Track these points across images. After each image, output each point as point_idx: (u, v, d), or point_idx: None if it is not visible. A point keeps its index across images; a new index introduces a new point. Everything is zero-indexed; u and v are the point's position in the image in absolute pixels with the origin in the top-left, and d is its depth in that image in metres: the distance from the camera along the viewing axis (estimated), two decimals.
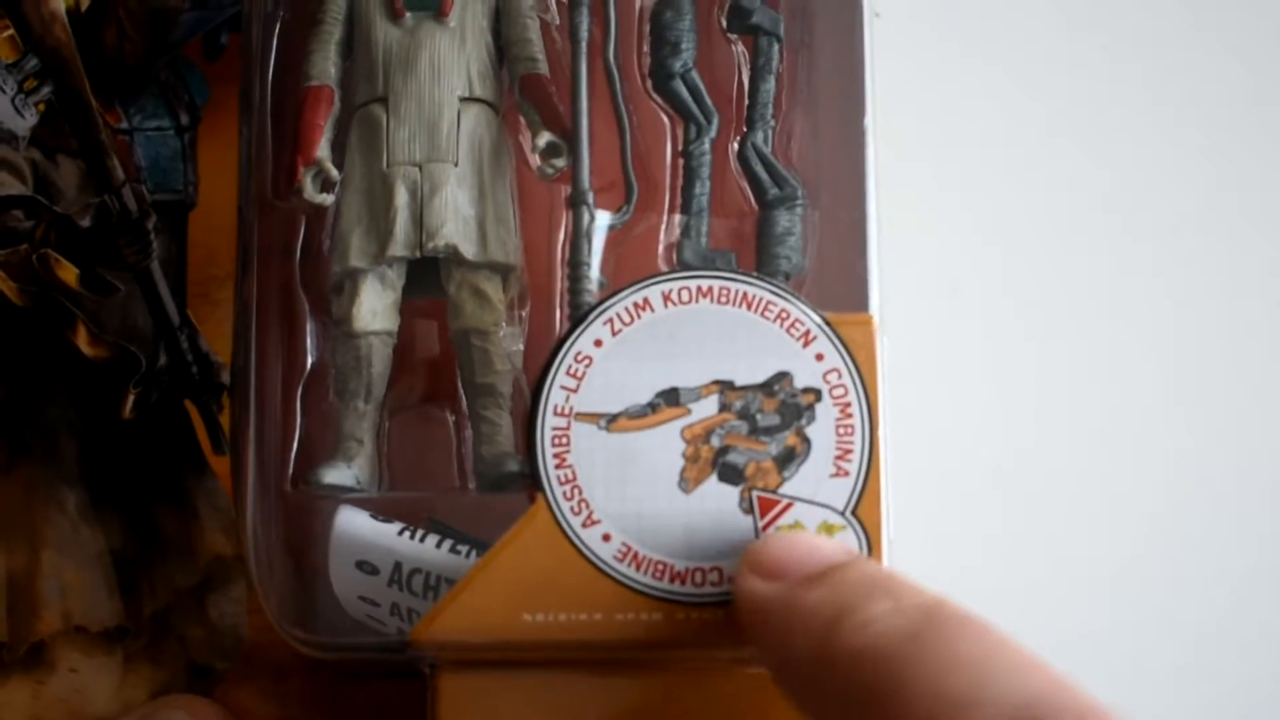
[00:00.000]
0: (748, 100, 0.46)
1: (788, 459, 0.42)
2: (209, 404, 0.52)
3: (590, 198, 0.45)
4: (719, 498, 0.42)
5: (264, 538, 0.45)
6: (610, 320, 0.43)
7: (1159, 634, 0.57)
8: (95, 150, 0.51)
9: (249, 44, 0.48)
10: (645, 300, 0.43)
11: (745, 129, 0.46)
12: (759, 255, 0.45)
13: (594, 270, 0.45)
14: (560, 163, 0.46)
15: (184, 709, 0.49)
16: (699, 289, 0.43)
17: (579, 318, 0.43)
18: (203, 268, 0.53)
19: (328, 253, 0.46)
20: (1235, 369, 0.59)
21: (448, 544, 0.44)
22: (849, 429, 0.42)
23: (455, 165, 0.45)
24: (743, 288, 0.43)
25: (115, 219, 0.50)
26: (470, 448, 0.46)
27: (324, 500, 0.45)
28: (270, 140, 0.47)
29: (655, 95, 0.46)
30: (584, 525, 0.42)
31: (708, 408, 0.43)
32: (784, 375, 0.43)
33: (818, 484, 0.42)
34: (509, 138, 0.47)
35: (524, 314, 0.46)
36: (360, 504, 0.45)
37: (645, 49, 0.46)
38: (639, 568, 0.42)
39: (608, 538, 0.42)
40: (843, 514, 0.42)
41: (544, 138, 0.46)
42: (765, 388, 0.43)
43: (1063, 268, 0.59)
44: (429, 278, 0.46)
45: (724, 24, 0.47)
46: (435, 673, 0.43)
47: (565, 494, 0.42)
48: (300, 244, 0.47)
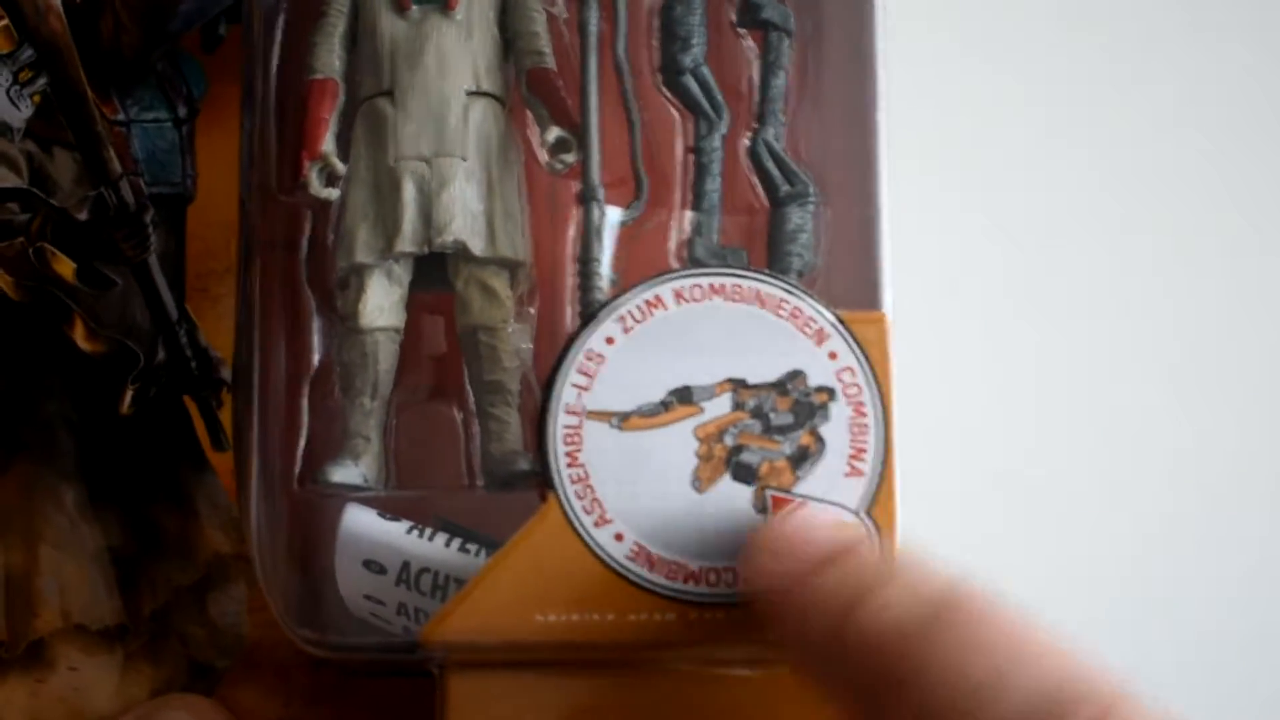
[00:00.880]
0: (759, 96, 0.46)
1: (802, 458, 0.42)
2: (208, 400, 0.51)
3: (600, 193, 0.45)
4: (732, 497, 0.42)
5: (269, 536, 0.45)
6: (622, 318, 0.43)
7: (1160, 634, 0.58)
8: (92, 142, 0.50)
9: (250, 36, 0.47)
10: (657, 297, 0.43)
11: (756, 125, 0.45)
12: (770, 252, 0.45)
13: (605, 267, 0.45)
14: (569, 158, 0.45)
15: (185, 708, 0.49)
16: (711, 286, 0.43)
17: (590, 315, 0.43)
18: (201, 261, 0.53)
19: (333, 248, 0.46)
20: (1236, 367, 0.59)
21: (457, 543, 0.44)
22: (863, 428, 0.42)
23: (463, 160, 0.45)
24: (755, 285, 0.43)
25: (112, 212, 0.50)
26: (478, 445, 0.45)
27: (330, 498, 0.44)
28: (273, 134, 0.46)
29: (665, 90, 0.46)
30: (596, 525, 0.42)
31: (721, 406, 0.42)
32: (797, 374, 0.42)
33: (832, 483, 0.42)
34: (516, 132, 0.46)
35: (533, 310, 0.46)
36: (367, 502, 0.44)
37: (655, 43, 0.46)
38: (652, 568, 0.42)
39: (620, 537, 0.42)
40: (857, 514, 0.42)
41: (553, 133, 0.45)
42: (779, 386, 0.42)
43: (1063, 265, 0.60)
44: (437, 272, 0.46)
45: (734, 19, 0.46)
46: (444, 673, 0.43)
47: (577, 493, 0.42)
48: (306, 239, 0.46)
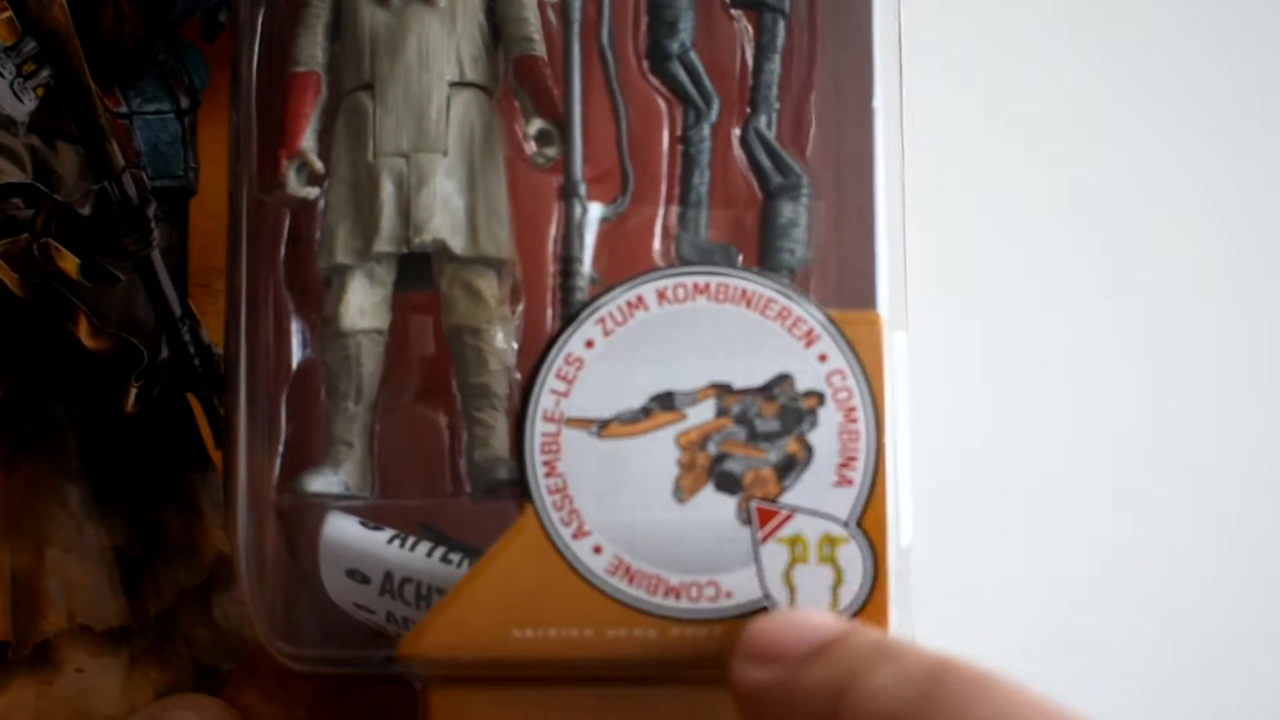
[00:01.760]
0: (751, 81, 0.43)
1: (788, 467, 0.40)
2: (211, 397, 0.50)
3: (582, 189, 0.43)
4: (716, 508, 0.40)
5: (253, 547, 0.44)
6: (602, 320, 0.41)
7: (1162, 635, 0.56)
8: (95, 135, 0.50)
9: (237, 25, 0.46)
10: (639, 298, 0.41)
11: (748, 112, 0.43)
12: (762, 247, 0.43)
13: (586, 266, 0.43)
14: (553, 151, 0.43)
15: (191, 709, 0.48)
16: (695, 286, 0.41)
17: (570, 317, 0.41)
18: (204, 257, 0.52)
19: (315, 247, 0.44)
20: (1244, 371, 0.58)
21: (439, 553, 0.43)
22: (853, 435, 0.40)
23: (444, 155, 0.43)
24: (742, 284, 0.40)
25: (115, 206, 0.49)
26: (463, 449, 0.44)
27: (311, 507, 0.43)
28: (257, 127, 0.45)
29: (652, 78, 0.44)
30: (574, 537, 0.40)
31: (704, 412, 0.40)
32: (785, 378, 0.40)
33: (820, 493, 0.40)
34: (502, 124, 0.44)
35: (519, 310, 0.44)
36: (350, 510, 0.43)
37: (641, 28, 0.44)
38: (631, 581, 0.40)
39: (599, 550, 0.40)
40: (846, 525, 0.40)
41: (536, 125, 0.44)
42: (765, 391, 0.40)
43: (1065, 267, 0.58)
44: (424, 270, 0.44)
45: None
46: (426, 687, 0.42)
47: (555, 504, 0.40)
48: (285, 237, 0.45)
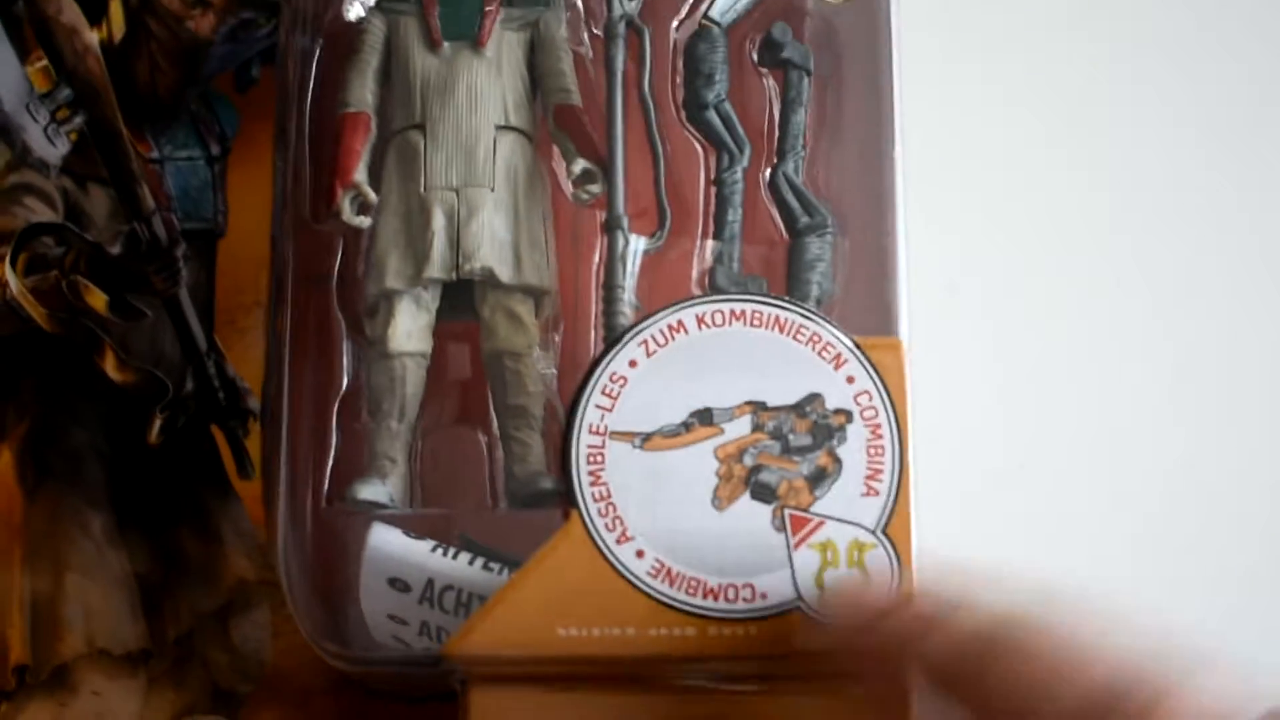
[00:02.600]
0: (779, 131, 0.47)
1: (819, 478, 0.43)
2: (235, 429, 0.52)
3: (625, 222, 0.46)
4: (751, 516, 0.43)
5: (296, 555, 0.45)
6: (645, 342, 0.44)
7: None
8: (126, 179, 0.51)
9: (284, 76, 0.49)
10: (679, 323, 0.44)
11: (776, 159, 0.47)
12: (789, 281, 0.46)
13: (628, 294, 0.46)
14: (595, 189, 0.47)
15: None
16: (732, 312, 0.44)
17: (614, 339, 0.44)
18: (230, 295, 0.54)
19: (363, 275, 0.47)
20: (1238, 369, 0.60)
21: (480, 561, 0.45)
22: (879, 449, 0.43)
23: (491, 190, 0.46)
24: (775, 311, 0.44)
25: (145, 247, 0.51)
26: (502, 467, 0.46)
27: (356, 518, 0.45)
28: (308, 168, 0.48)
29: (689, 125, 0.47)
30: (618, 542, 0.43)
31: (741, 428, 0.43)
32: (815, 397, 0.44)
33: (849, 503, 0.43)
34: (543, 166, 0.48)
35: (557, 337, 0.47)
36: (393, 521, 0.45)
37: (678, 81, 0.48)
38: (672, 584, 0.43)
39: (641, 554, 0.43)
40: (873, 532, 0.43)
41: (579, 165, 0.47)
42: (797, 409, 0.43)
43: (1064, 270, 0.60)
44: (462, 301, 0.47)
45: (755, 58, 0.48)
46: (466, 688, 0.44)
47: (600, 511, 0.43)
48: (337, 267, 0.47)
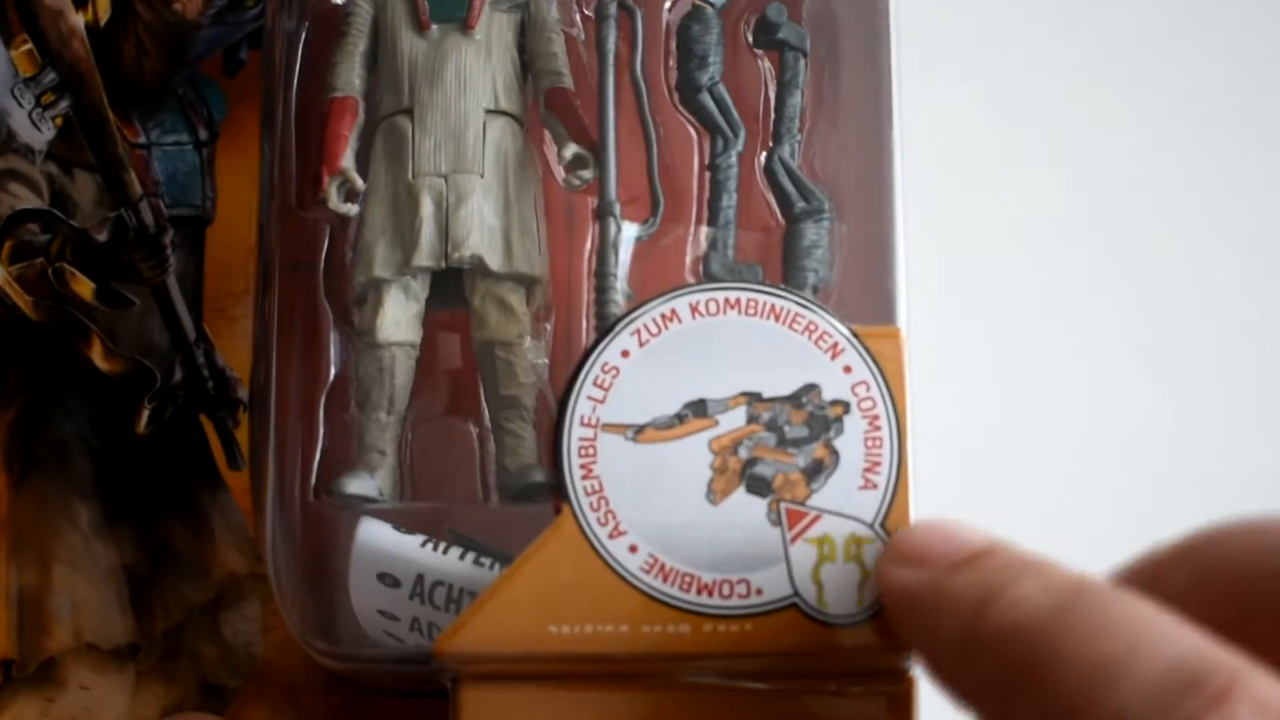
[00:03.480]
0: (774, 114, 0.46)
1: (816, 471, 0.42)
2: (224, 419, 0.51)
3: (617, 209, 0.45)
4: (747, 509, 0.42)
5: (285, 550, 0.45)
6: (637, 331, 0.43)
7: None
8: (112, 164, 0.51)
9: (270, 59, 0.48)
10: (673, 311, 0.43)
11: (772, 143, 0.46)
12: (785, 268, 0.45)
13: (621, 282, 0.45)
14: (587, 174, 0.46)
15: None
16: (726, 300, 0.43)
17: (606, 329, 0.43)
18: (219, 283, 0.53)
19: (351, 263, 0.46)
20: (1237, 358, 0.60)
21: (470, 556, 0.44)
22: (877, 441, 0.42)
23: (481, 176, 0.45)
24: (770, 300, 0.43)
25: (132, 234, 0.50)
26: (493, 460, 0.46)
27: (345, 512, 0.44)
28: (294, 153, 0.47)
29: (682, 108, 0.46)
30: (610, 536, 0.42)
31: (735, 419, 0.42)
32: (812, 387, 0.43)
33: (846, 496, 0.42)
34: (534, 150, 0.47)
35: (549, 326, 0.46)
36: (382, 515, 0.45)
37: (671, 63, 0.46)
38: (666, 579, 0.42)
39: (634, 549, 0.42)
40: (871, 526, 0.42)
41: (570, 149, 0.46)
42: (793, 400, 0.42)
43: (1064, 262, 0.60)
44: (452, 290, 0.46)
45: (750, 39, 0.47)
46: (457, 686, 0.43)
47: (592, 505, 0.42)
48: (324, 255, 0.46)
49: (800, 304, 0.43)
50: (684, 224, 0.46)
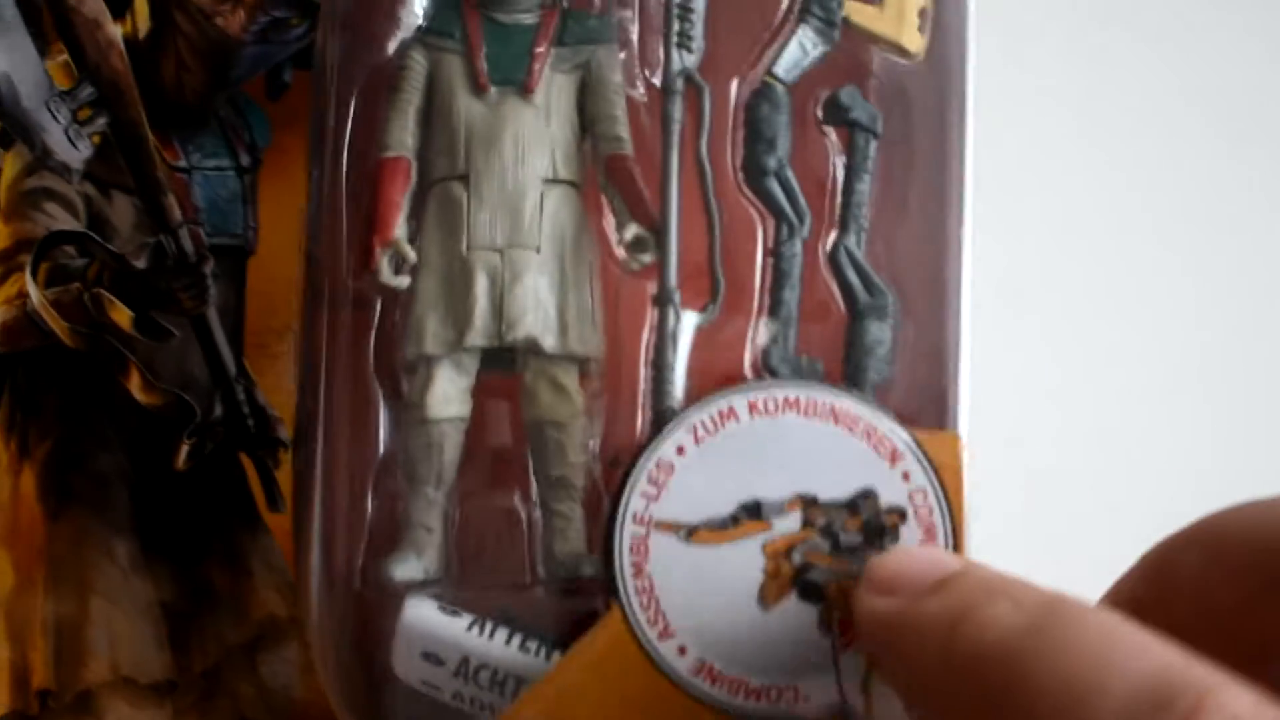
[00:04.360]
0: (841, 199, 0.45)
1: None
2: (265, 459, 0.51)
3: (677, 297, 0.44)
4: (798, 615, 0.42)
5: (329, 624, 0.44)
6: (694, 428, 0.42)
7: None
8: (151, 187, 0.49)
9: (320, 85, 0.46)
10: (730, 409, 0.42)
11: (838, 230, 0.45)
12: (846, 365, 0.44)
13: (678, 373, 0.44)
14: (647, 258, 0.45)
15: None
16: (785, 400, 0.42)
17: (662, 423, 0.42)
18: (261, 318, 0.52)
19: (401, 333, 0.45)
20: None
21: (517, 640, 0.44)
22: None
23: (537, 252, 0.44)
24: (830, 400, 0.42)
25: (171, 261, 0.49)
26: (540, 541, 0.45)
27: (391, 589, 0.44)
28: (344, 202, 0.45)
29: (747, 190, 0.45)
30: (660, 637, 0.42)
31: (790, 523, 0.42)
32: (869, 493, 0.42)
33: None
34: (592, 223, 0.45)
35: (600, 407, 0.45)
36: (428, 594, 0.44)
37: (738, 140, 0.45)
38: (714, 683, 0.42)
39: (684, 651, 0.42)
40: None
41: (631, 231, 0.45)
42: (850, 506, 0.42)
43: (1135, 360, 0.59)
44: (501, 354, 0.45)
45: (820, 116, 0.45)
46: None
47: (642, 604, 0.42)
48: (375, 325, 0.45)
49: (860, 407, 0.42)
50: (744, 313, 0.45)
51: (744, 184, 0.45)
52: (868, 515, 0.42)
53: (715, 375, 0.43)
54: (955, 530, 0.42)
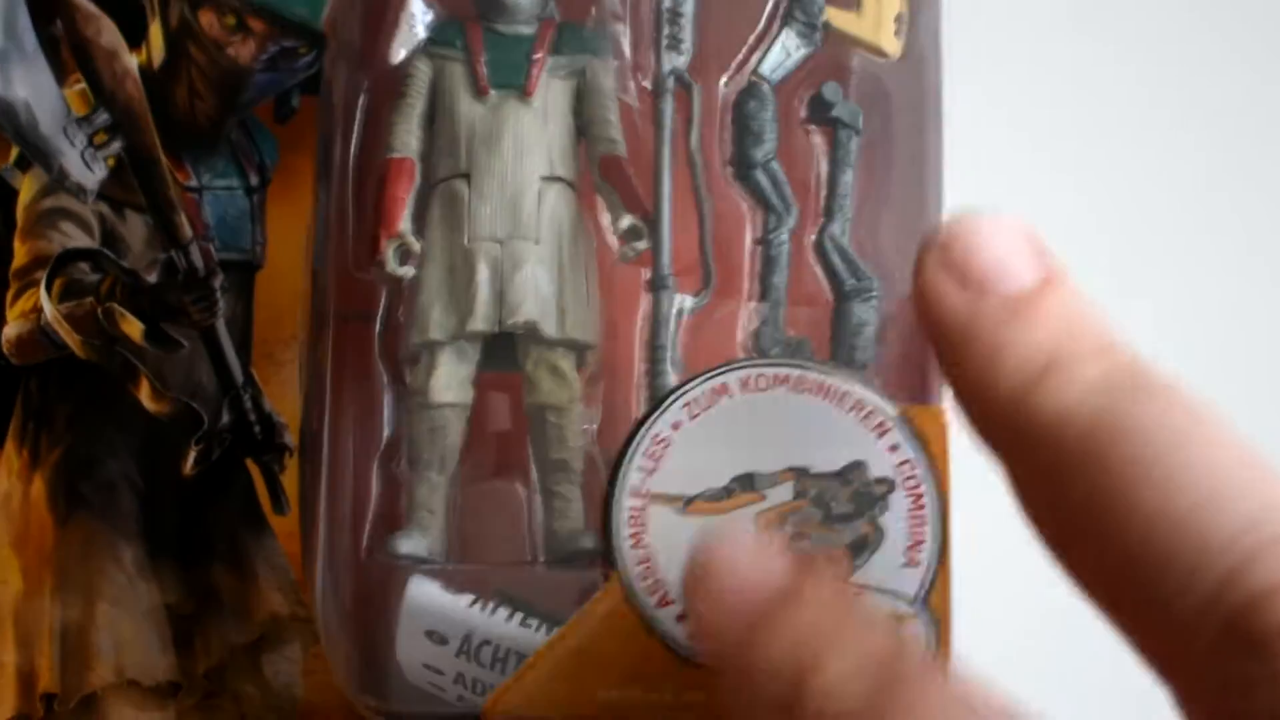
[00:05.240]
0: (826, 191, 0.47)
1: (860, 547, 0.43)
2: (271, 464, 0.52)
3: (671, 282, 0.46)
4: None
5: (334, 603, 0.46)
6: (688, 404, 0.44)
7: None
8: (163, 206, 0.51)
9: (329, 110, 0.49)
10: (723, 385, 0.44)
11: (823, 220, 0.47)
12: (834, 345, 0.46)
13: (672, 354, 0.46)
14: (641, 245, 0.47)
15: None
16: (776, 376, 0.44)
17: (658, 401, 0.44)
18: (268, 328, 0.54)
19: (405, 324, 0.47)
20: None
21: (518, 617, 0.45)
22: (920, 519, 0.43)
23: (536, 243, 0.46)
24: (819, 377, 0.44)
25: (181, 276, 0.51)
26: (541, 522, 0.46)
27: (395, 568, 0.45)
28: (350, 209, 0.47)
29: (736, 183, 0.47)
30: (659, 604, 0.43)
31: (783, 494, 0.43)
32: (858, 465, 0.44)
33: (889, 572, 0.43)
34: (588, 217, 0.48)
35: (599, 391, 0.47)
36: (431, 574, 0.45)
37: (727, 137, 0.47)
38: None
39: (682, 617, 0.43)
40: (912, 603, 0.43)
41: (625, 220, 0.47)
42: (840, 476, 0.43)
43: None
44: (503, 352, 0.47)
45: (804, 114, 0.47)
46: None
47: (641, 574, 0.43)
48: (380, 315, 0.47)
49: (849, 382, 0.44)
50: (735, 298, 0.47)
51: (733, 177, 0.47)
52: (857, 485, 0.43)
53: (708, 356, 0.45)
54: (942, 499, 0.43)
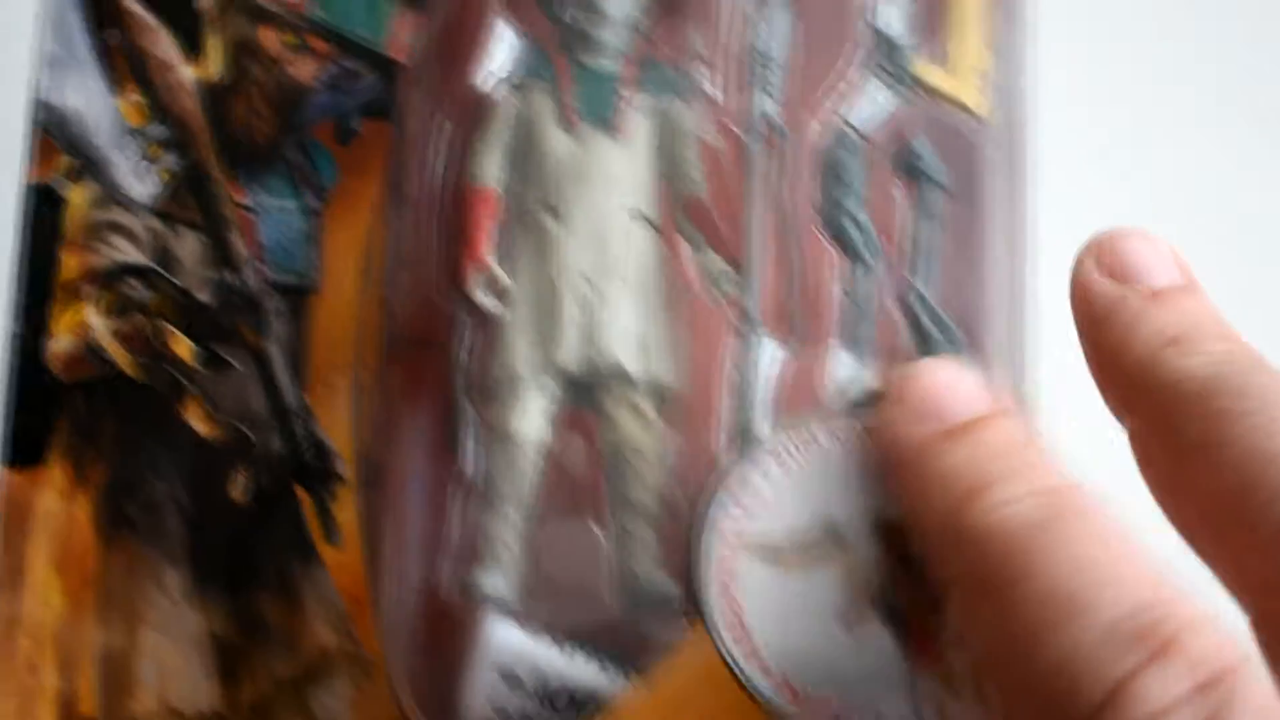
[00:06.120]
0: (911, 245, 0.47)
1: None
2: (322, 492, 0.51)
3: (759, 327, 0.46)
4: (879, 638, 0.43)
5: (399, 637, 0.45)
6: (778, 452, 0.44)
7: None
8: (217, 224, 0.50)
9: (403, 136, 0.48)
10: (813, 436, 0.44)
11: (909, 273, 0.47)
12: None
13: (760, 401, 0.46)
14: (728, 288, 0.46)
15: None
16: (865, 428, 0.44)
17: (746, 447, 0.44)
18: (323, 354, 0.52)
19: (486, 356, 0.46)
20: None
21: (596, 662, 0.45)
22: None
23: (624, 282, 0.46)
24: None
25: (235, 297, 0.50)
26: (616, 562, 0.46)
27: (468, 605, 0.45)
28: (432, 236, 0.47)
29: (824, 231, 0.47)
30: (745, 657, 0.43)
31: (871, 547, 0.43)
32: None
33: None
34: (674, 258, 0.47)
35: (680, 434, 0.47)
36: (508, 613, 0.45)
37: (816, 184, 0.47)
38: (797, 702, 0.43)
39: (767, 670, 0.43)
40: None
41: (713, 263, 0.47)
42: None
43: None
44: (583, 390, 0.47)
45: (890, 166, 0.48)
46: None
47: (726, 624, 0.43)
48: (464, 347, 0.46)
49: None
50: (821, 345, 0.46)
51: (821, 225, 0.47)
52: None
53: (793, 404, 0.45)
54: None
